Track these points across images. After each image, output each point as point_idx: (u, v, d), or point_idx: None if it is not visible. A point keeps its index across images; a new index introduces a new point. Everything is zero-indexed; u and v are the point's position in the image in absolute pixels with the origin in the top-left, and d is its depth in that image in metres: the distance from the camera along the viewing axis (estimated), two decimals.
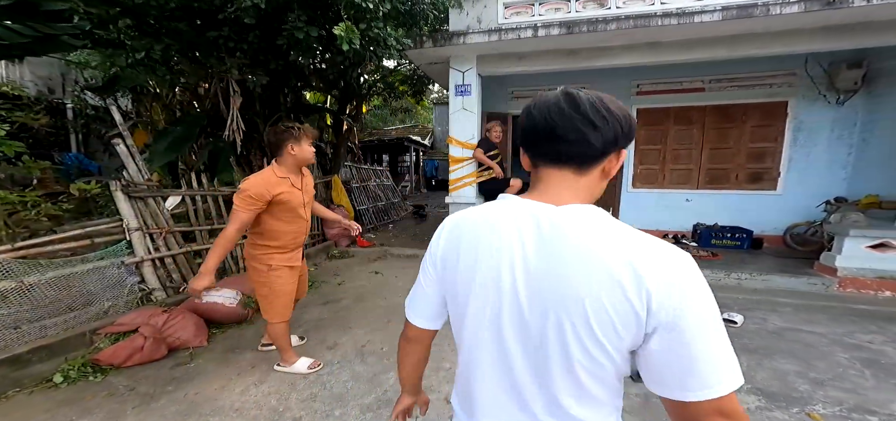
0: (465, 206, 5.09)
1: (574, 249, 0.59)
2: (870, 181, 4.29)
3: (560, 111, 0.62)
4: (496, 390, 0.68)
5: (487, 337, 0.67)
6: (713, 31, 3.46)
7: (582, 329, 0.58)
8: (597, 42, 4.03)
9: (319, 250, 5.72)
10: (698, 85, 5.06)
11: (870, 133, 4.34)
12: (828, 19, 3.08)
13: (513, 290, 0.63)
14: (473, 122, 4.88)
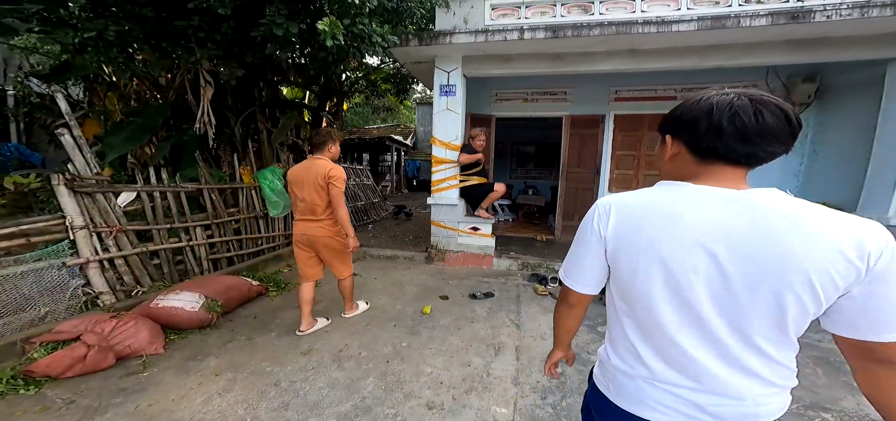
0: (448, 208, 5.07)
1: (789, 227, 0.68)
2: (819, 188, 4.60)
3: (763, 120, 0.71)
4: (690, 341, 0.78)
5: (681, 298, 0.77)
6: (688, 40, 3.61)
7: (804, 291, 0.68)
8: (580, 47, 4.10)
9: (293, 251, 5.44)
10: (671, 93, 5.28)
11: (819, 144, 4.67)
12: (792, 33, 3.29)
13: (714, 260, 0.72)
14: (458, 123, 4.83)
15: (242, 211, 4.94)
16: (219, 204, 4.56)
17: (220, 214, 4.58)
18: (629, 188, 5.93)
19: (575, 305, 1.00)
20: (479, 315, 3.49)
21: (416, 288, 4.21)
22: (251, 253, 4.99)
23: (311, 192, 2.84)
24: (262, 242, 5.22)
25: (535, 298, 3.91)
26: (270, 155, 5.79)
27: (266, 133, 5.79)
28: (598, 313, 3.51)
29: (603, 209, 0.87)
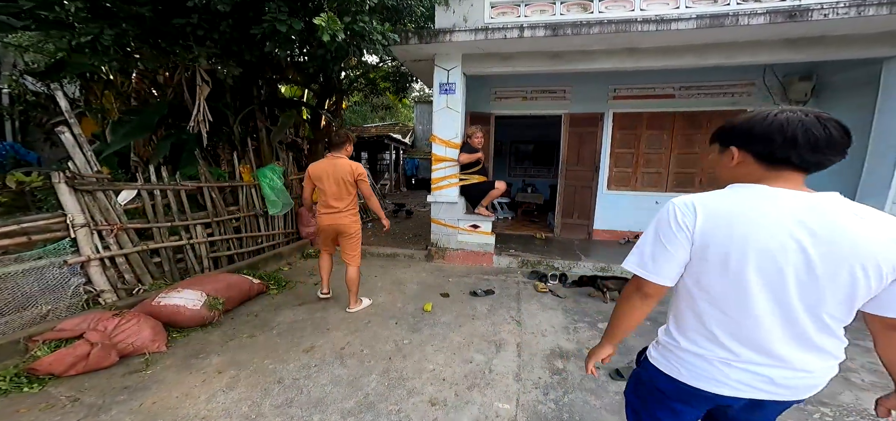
0: (448, 206, 5.09)
1: (856, 220, 0.84)
2: (814, 183, 4.58)
3: (830, 133, 0.86)
4: (770, 321, 0.90)
5: (771, 284, 0.88)
6: (687, 38, 3.63)
7: (872, 272, 0.82)
8: (580, 45, 4.12)
9: (293, 249, 5.44)
10: (669, 92, 5.31)
11: None
12: (789, 32, 3.32)
13: (801, 248, 0.85)
14: (457, 121, 4.84)
15: (242, 209, 4.93)
16: (219, 202, 4.56)
17: (221, 213, 4.58)
18: (629, 185, 6.03)
19: (650, 297, 1.05)
20: (480, 312, 3.51)
21: (416, 286, 4.23)
22: (251, 251, 4.99)
23: (333, 186, 3.27)
24: (262, 240, 5.21)
25: (534, 295, 3.94)
26: (270, 153, 5.79)
27: (265, 131, 5.78)
28: (598, 310, 3.54)
29: (686, 208, 0.96)
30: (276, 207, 5.29)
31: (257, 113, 5.65)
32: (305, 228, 5.90)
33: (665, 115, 5.39)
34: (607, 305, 3.63)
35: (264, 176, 5.28)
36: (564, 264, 4.59)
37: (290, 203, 5.56)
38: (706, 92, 5.15)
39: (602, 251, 5.21)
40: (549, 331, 3.14)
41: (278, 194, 5.35)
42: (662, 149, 5.47)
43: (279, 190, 5.40)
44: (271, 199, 5.25)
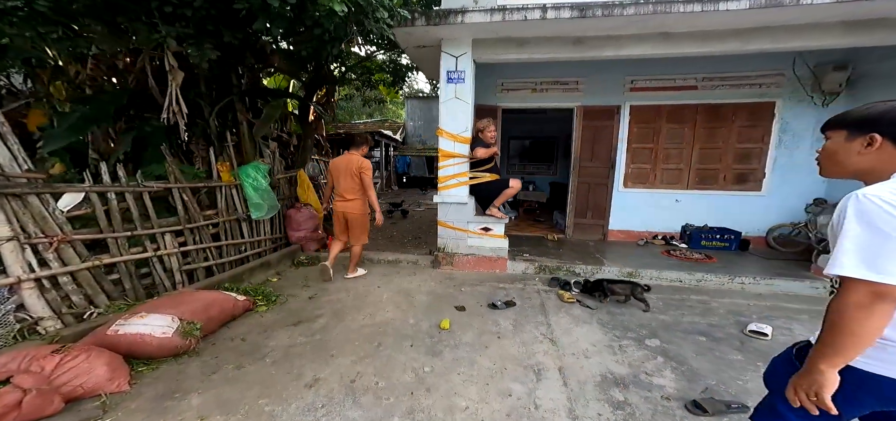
0: (456, 207, 4.60)
1: None
2: (847, 183, 4.39)
3: None
4: None
5: None
6: (734, 21, 3.27)
7: None
8: (608, 29, 3.72)
9: (282, 256, 4.84)
10: (691, 83, 4.99)
11: None
12: (852, 13, 3.00)
13: None
14: (467, 114, 4.36)
15: (221, 213, 4.30)
16: (192, 206, 3.92)
17: (195, 218, 3.94)
18: (647, 183, 5.66)
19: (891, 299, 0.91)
20: (504, 329, 3.05)
21: (426, 297, 3.73)
22: (233, 261, 4.37)
23: (346, 179, 4.00)
24: (245, 248, 4.59)
25: (561, 306, 3.50)
26: (252, 149, 5.15)
27: (246, 125, 5.13)
28: (640, 323, 3.12)
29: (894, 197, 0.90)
30: (260, 210, 4.67)
31: (237, 104, 5.01)
32: (295, 233, 5.30)
33: (686, 108, 5.07)
34: (648, 316, 3.22)
35: (247, 175, 4.66)
36: (587, 270, 4.18)
37: (276, 206, 4.95)
38: (731, 83, 4.85)
39: (622, 253, 4.84)
40: (591, 351, 2.71)
41: (263, 196, 4.74)
42: (684, 144, 5.15)
43: (264, 191, 4.79)
44: (255, 202, 4.63)
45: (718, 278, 3.80)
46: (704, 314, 3.29)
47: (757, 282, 3.69)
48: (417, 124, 17.12)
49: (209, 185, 4.22)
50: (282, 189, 5.53)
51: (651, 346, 2.76)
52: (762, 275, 3.81)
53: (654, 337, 2.87)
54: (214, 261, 4.13)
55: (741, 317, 3.23)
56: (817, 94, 4.54)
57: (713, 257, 4.44)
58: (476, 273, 4.47)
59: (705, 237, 4.91)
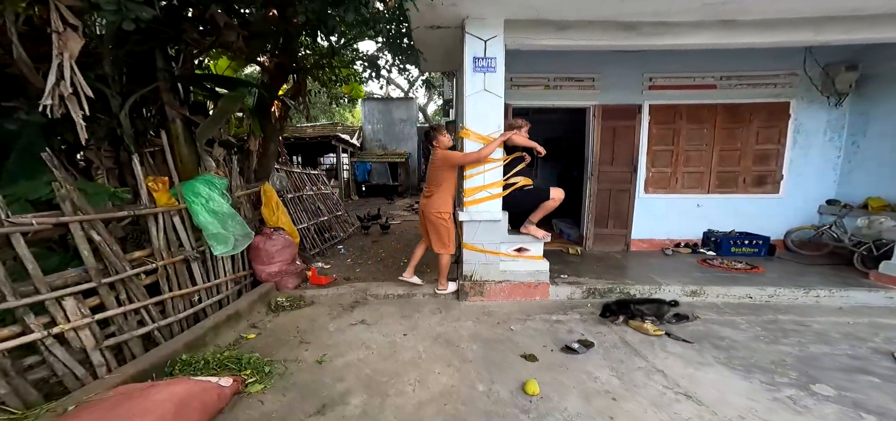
0: (488, 225, 3.55)
1: None
2: (863, 183, 4.48)
3: None
4: None
5: None
6: (817, 8, 2.94)
7: None
8: (664, 13, 3.21)
9: (253, 302, 3.61)
10: (710, 81, 4.78)
11: (860, 136, 4.57)
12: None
13: None
14: (498, 110, 3.58)
15: (159, 254, 2.97)
16: (109, 248, 2.58)
17: (116, 266, 2.61)
18: (668, 187, 5.23)
19: None
20: (610, 384, 2.31)
21: (476, 345, 2.86)
22: (185, 319, 3.06)
23: (432, 170, 3.65)
24: (200, 297, 3.28)
25: (646, 340, 2.84)
26: (191, 158, 3.79)
27: (182, 124, 3.77)
28: (770, 359, 2.52)
29: None
30: (224, 243, 3.40)
31: (165, 95, 3.64)
32: (265, 267, 4.03)
33: (706, 108, 4.84)
34: (765, 347, 2.68)
35: (195, 194, 3.36)
36: (643, 290, 3.63)
37: (249, 234, 3.70)
38: (748, 82, 4.72)
39: (658, 266, 4.40)
40: (757, 409, 2.03)
41: (225, 222, 3.47)
42: (704, 145, 4.92)
43: (226, 215, 3.52)
44: (214, 232, 3.34)
45: (790, 292, 3.47)
46: (823, 340, 2.82)
47: (832, 295, 3.42)
48: (376, 127, 15.83)
49: (135, 212, 2.87)
50: (244, 210, 4.22)
51: (826, 394, 2.16)
52: (830, 286, 3.53)
53: (811, 380, 2.28)
54: (156, 323, 2.80)
55: (870, 342, 2.78)
56: (833, 95, 4.57)
57: (759, 266, 4.18)
58: (513, 303, 3.68)
59: (734, 243, 4.70)
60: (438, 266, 3.86)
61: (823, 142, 4.75)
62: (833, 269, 4.10)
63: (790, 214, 4.90)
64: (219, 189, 3.62)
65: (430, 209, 3.63)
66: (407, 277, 4.00)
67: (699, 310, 3.35)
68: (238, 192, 4.15)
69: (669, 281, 3.73)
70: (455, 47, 4.33)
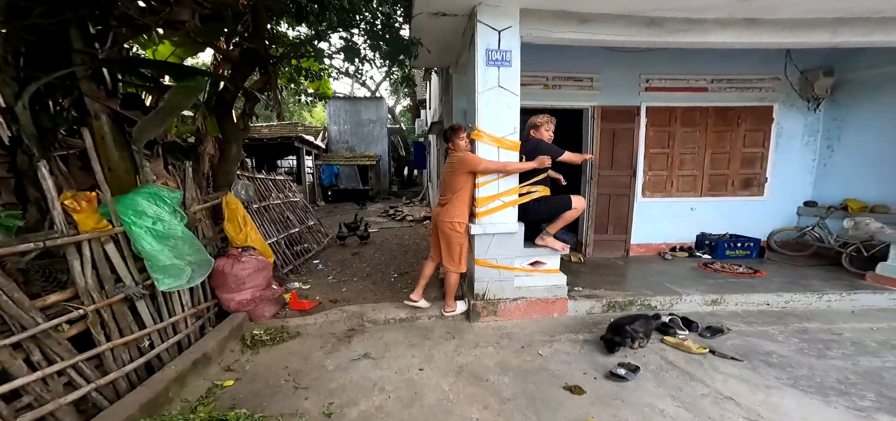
0: (502, 238, 3.11)
1: None
2: (839, 185, 4.74)
3: None
4: None
5: None
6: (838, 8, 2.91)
7: None
8: (695, 10, 3.05)
9: (224, 340, 2.93)
10: (702, 84, 4.81)
11: (835, 140, 4.82)
12: None
13: None
14: (515, 109, 3.21)
15: (87, 295, 2.22)
16: (4, 295, 1.83)
17: (22, 319, 1.86)
18: (663, 191, 5.17)
19: None
20: (679, 417, 2.01)
21: (508, 378, 2.47)
22: (135, 370, 2.33)
23: (448, 175, 3.21)
24: (151, 342, 2.54)
25: (695, 360, 2.60)
26: (124, 164, 3.00)
27: (108, 122, 2.96)
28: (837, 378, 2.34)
29: None
30: (176, 277, 2.71)
31: (84, 83, 2.83)
32: (234, 295, 3.33)
33: (698, 111, 4.87)
34: (823, 364, 2.53)
35: (137, 214, 2.65)
36: (663, 302, 3.45)
37: (207, 261, 3.00)
38: (737, 86, 4.81)
39: (662, 271, 4.31)
40: None
41: (178, 248, 2.76)
42: (697, 148, 4.94)
43: (179, 239, 2.81)
44: (163, 263, 2.64)
45: (803, 297, 3.47)
46: (865, 351, 2.71)
47: (842, 298, 3.46)
48: (343, 128, 14.82)
49: (46, 243, 2.10)
50: (201, 229, 3.46)
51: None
52: (836, 289, 3.56)
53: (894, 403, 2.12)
54: (94, 383, 2.06)
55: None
56: (810, 99, 4.78)
57: (760, 270, 4.22)
58: (531, 321, 3.33)
59: (729, 246, 4.75)
60: (446, 285, 3.41)
61: (801, 145, 4.98)
62: (823, 270, 4.24)
63: (774, 216, 5.08)
64: (169, 205, 2.88)
65: (444, 218, 3.22)
66: (415, 299, 3.48)
67: (723, 320, 3.22)
68: (194, 206, 3.39)
69: (687, 290, 3.60)
70: (454, 40, 3.92)
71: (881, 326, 3.09)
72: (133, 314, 2.47)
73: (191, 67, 3.88)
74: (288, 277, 4.64)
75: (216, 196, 3.90)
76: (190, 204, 3.32)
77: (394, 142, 18.73)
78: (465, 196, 3.19)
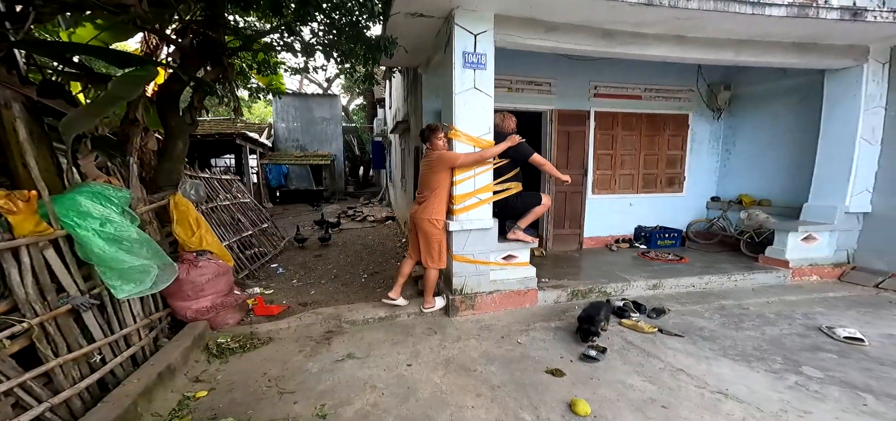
0: (479, 234, 3.39)
1: None
2: (736, 183, 5.71)
3: None
4: None
5: None
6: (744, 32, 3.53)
7: None
8: (642, 25, 3.48)
9: (186, 350, 2.70)
10: (638, 93, 5.46)
11: (731, 145, 5.81)
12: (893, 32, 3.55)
13: None
14: (489, 110, 3.39)
15: (26, 305, 1.93)
16: None
17: None
18: (608, 188, 5.90)
19: None
20: (651, 392, 2.27)
21: (494, 368, 2.62)
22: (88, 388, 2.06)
23: (427, 173, 3.31)
24: (103, 356, 2.26)
25: (649, 339, 2.97)
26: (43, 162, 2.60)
27: (22, 111, 2.55)
28: (753, 346, 2.86)
29: None
30: (140, 281, 2.45)
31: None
32: (191, 303, 3.06)
33: (634, 116, 5.52)
34: (743, 335, 2.99)
35: (82, 215, 2.35)
36: (616, 288, 3.89)
37: (172, 266, 2.73)
38: (663, 95, 5.54)
39: (611, 261, 4.84)
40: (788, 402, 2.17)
41: (134, 251, 2.49)
42: (634, 150, 5.60)
43: (136, 241, 2.53)
44: (119, 266, 2.39)
45: (718, 278, 4.14)
46: (767, 321, 3.23)
47: (745, 278, 4.19)
48: (292, 125, 13.84)
49: None
50: (149, 233, 3.10)
51: (818, 376, 2.41)
52: (740, 271, 4.29)
53: (796, 364, 2.58)
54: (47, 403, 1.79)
55: (797, 319, 3.29)
56: (715, 110, 5.70)
57: (683, 257, 4.92)
58: (506, 313, 3.54)
59: (660, 237, 5.47)
60: (425, 282, 3.47)
61: (708, 149, 5.90)
62: (728, 254, 5.10)
63: (690, 210, 5.95)
64: (118, 205, 2.58)
65: (423, 215, 3.30)
66: (394, 297, 3.48)
67: (663, 301, 3.72)
68: (141, 207, 3.04)
69: (634, 277, 4.10)
70: (428, 41, 3.98)
71: (773, 300, 3.82)
72: (81, 328, 2.17)
73: (127, 54, 3.42)
74: (245, 283, 4.32)
75: (162, 196, 3.51)
76: (135, 205, 2.97)
77: (348, 141, 18.05)
78: (444, 193, 3.30)
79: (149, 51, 4.14)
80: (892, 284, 4.02)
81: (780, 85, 5.04)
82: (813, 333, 3.07)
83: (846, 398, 2.22)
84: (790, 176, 4.99)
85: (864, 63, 4.07)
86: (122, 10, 2.92)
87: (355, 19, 3.69)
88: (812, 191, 4.51)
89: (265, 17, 4.35)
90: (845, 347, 2.83)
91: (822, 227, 4.34)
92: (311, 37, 3.87)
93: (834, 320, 3.27)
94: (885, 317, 3.39)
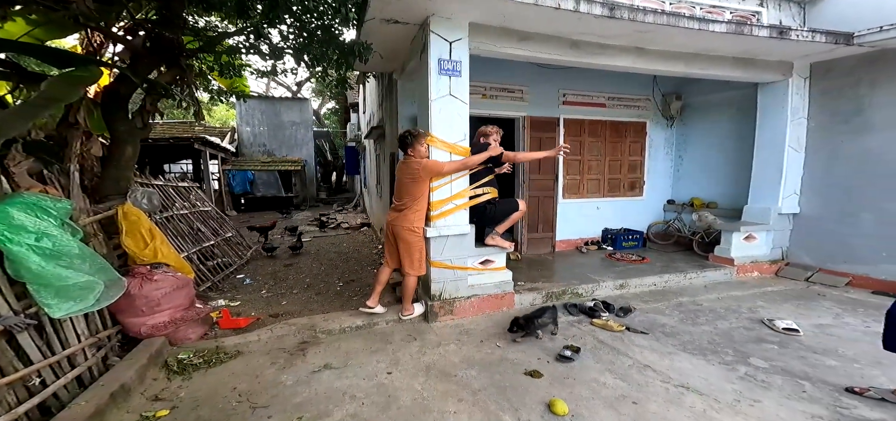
0: (456, 239, 3.45)
1: None
2: (687, 187, 6.17)
3: None
4: None
5: None
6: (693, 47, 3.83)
7: None
8: (606, 36, 3.68)
9: (142, 368, 2.49)
10: (602, 101, 5.75)
11: (683, 151, 6.27)
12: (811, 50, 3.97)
13: None
14: (465, 117, 3.42)
15: None
16: None
17: None
18: (577, 193, 6.15)
19: None
20: (623, 389, 2.37)
21: (474, 372, 2.63)
22: (27, 413, 1.83)
23: (407, 181, 3.22)
24: (43, 379, 2.04)
25: (618, 337, 3.10)
26: None
27: None
28: (709, 340, 3.07)
29: None
30: (80, 299, 2.25)
31: None
32: (147, 319, 2.84)
33: (599, 124, 5.80)
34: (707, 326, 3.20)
35: (14, 229, 2.14)
36: (587, 289, 4.04)
37: (119, 280, 2.51)
38: (624, 104, 5.88)
39: (582, 263, 5.03)
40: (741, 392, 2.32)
41: (77, 266, 2.27)
42: (600, 156, 5.88)
43: (77, 256, 2.31)
44: (58, 283, 2.18)
45: (675, 277, 4.43)
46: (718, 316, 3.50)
47: (698, 275, 4.51)
48: (257, 130, 13.17)
49: None
50: (94, 246, 2.83)
51: (763, 366, 2.62)
52: (694, 269, 4.61)
53: (744, 355, 2.79)
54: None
55: (743, 313, 3.57)
56: (668, 118, 6.13)
57: (645, 257, 5.21)
58: (484, 317, 3.57)
59: (624, 239, 5.76)
60: (403, 289, 3.42)
61: (664, 155, 6.33)
62: (683, 254, 5.46)
63: (650, 212, 6.33)
64: (56, 217, 2.35)
65: (402, 224, 3.23)
66: (371, 305, 3.40)
67: (629, 300, 3.91)
68: (84, 219, 2.78)
69: (603, 277, 4.29)
70: (403, 47, 3.97)
71: (723, 296, 4.13)
72: (18, 352, 1.93)
73: (66, 52, 3.12)
74: (209, 295, 4.04)
75: (108, 206, 3.22)
76: (77, 216, 2.71)
77: (320, 146, 17.46)
78: (425, 202, 3.29)
79: (91, 49, 3.80)
80: (820, 279, 4.49)
81: (723, 96, 5.52)
82: (757, 326, 3.35)
83: (788, 386, 2.43)
84: (734, 180, 5.45)
85: (790, 77, 4.56)
86: (61, 6, 2.67)
87: (328, 23, 3.59)
88: (750, 194, 4.97)
89: (229, 19, 4.15)
90: (785, 338, 3.11)
91: (760, 227, 4.78)
92: (279, 40, 3.72)
93: (773, 313, 3.58)
94: (816, 308, 3.76)
